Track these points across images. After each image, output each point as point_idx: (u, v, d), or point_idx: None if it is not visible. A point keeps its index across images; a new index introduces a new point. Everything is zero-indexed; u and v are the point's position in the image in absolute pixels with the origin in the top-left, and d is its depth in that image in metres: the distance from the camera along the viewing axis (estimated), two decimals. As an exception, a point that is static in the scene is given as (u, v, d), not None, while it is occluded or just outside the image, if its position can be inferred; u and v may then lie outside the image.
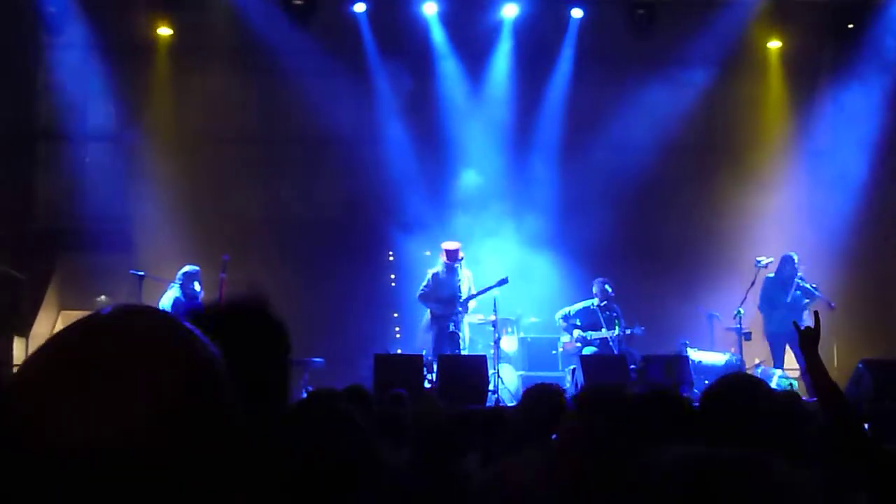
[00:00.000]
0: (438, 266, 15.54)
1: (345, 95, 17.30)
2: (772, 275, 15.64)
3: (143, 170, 16.47)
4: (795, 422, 4.50)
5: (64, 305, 16.81)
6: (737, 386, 4.14)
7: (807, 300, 15.40)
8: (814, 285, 15.46)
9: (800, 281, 15.43)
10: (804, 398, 13.82)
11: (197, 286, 14.67)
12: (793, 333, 14.74)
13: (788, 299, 15.42)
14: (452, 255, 15.45)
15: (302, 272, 16.53)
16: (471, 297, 15.49)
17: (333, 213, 17.58)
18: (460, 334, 15.29)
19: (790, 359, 15.48)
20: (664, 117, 17.41)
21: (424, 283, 15.50)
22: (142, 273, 14.95)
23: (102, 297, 16.65)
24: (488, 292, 15.41)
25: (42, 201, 17.11)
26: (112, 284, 16.16)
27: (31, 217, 16.93)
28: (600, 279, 15.91)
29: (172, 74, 16.96)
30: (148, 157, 16.45)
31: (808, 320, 15.42)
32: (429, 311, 15.51)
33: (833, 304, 15.26)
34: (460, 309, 15.40)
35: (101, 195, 16.53)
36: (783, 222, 16.83)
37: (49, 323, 16.45)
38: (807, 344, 4.76)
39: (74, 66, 16.58)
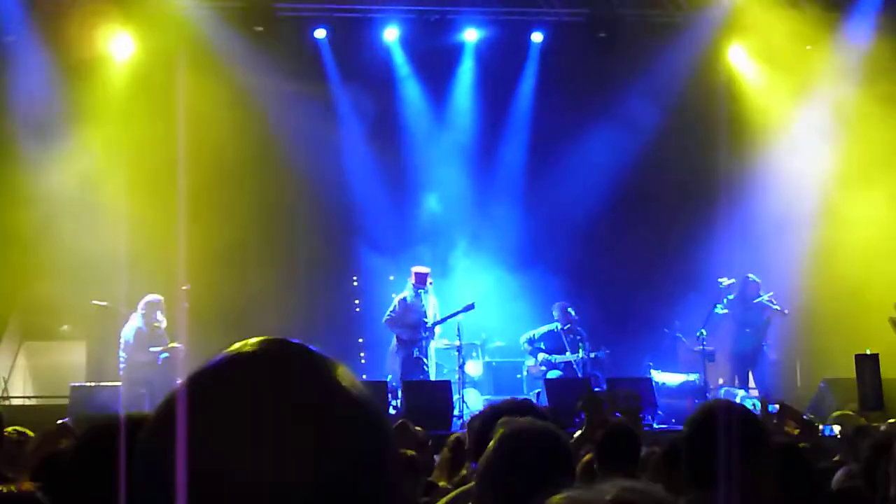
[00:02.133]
0: (407, 291, 15.56)
1: (309, 120, 17.26)
2: (732, 296, 15.79)
3: (105, 195, 16.31)
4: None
5: (27, 336, 16.65)
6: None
7: (766, 315, 15.61)
8: (769, 297, 15.66)
9: (761, 299, 15.61)
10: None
11: (159, 315, 14.63)
12: (755, 352, 14.82)
13: (750, 318, 15.60)
14: (422, 279, 15.48)
15: (265, 298, 16.46)
16: (438, 321, 15.51)
17: (297, 239, 17.52)
18: (425, 360, 15.31)
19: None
20: (627, 139, 17.44)
21: (391, 308, 15.50)
22: (104, 303, 14.90)
23: (66, 326, 16.53)
24: (454, 317, 15.46)
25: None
26: (75, 314, 16.06)
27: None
28: (560, 303, 15.98)
29: (135, 99, 16.85)
30: (109, 182, 16.30)
31: (767, 336, 15.63)
32: (395, 336, 15.51)
33: (786, 311, 15.57)
34: (426, 334, 15.42)
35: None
36: (747, 243, 16.89)
37: (11, 354, 16.29)
38: None
39: (35, 88, 16.45)
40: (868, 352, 14.09)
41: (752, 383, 15.84)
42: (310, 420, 1.21)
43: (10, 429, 7.28)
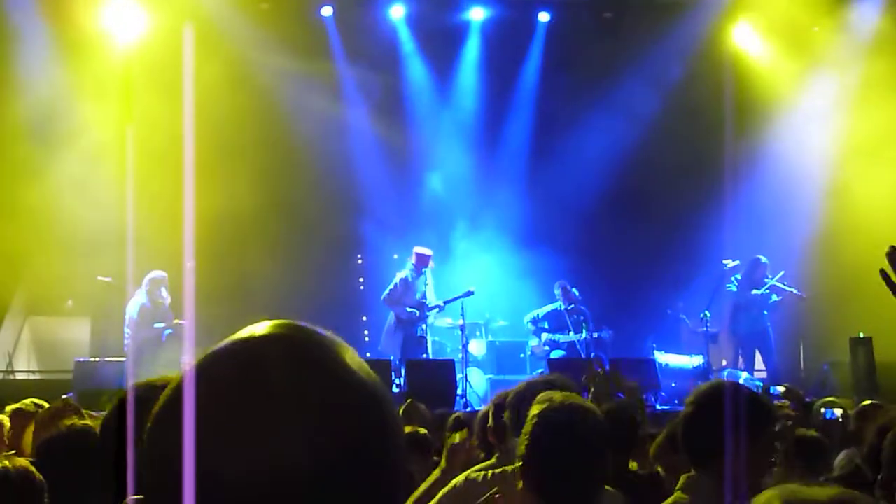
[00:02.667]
0: (408, 270, 15.57)
1: (314, 98, 17.26)
2: (738, 276, 15.76)
3: (110, 171, 16.27)
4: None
5: (31, 311, 16.68)
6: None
7: (776, 297, 15.57)
8: (780, 277, 15.63)
9: (769, 280, 15.59)
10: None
11: (164, 292, 14.66)
12: (763, 334, 14.66)
13: (758, 300, 15.58)
14: (424, 260, 15.51)
15: (269, 276, 16.48)
16: (437, 306, 15.54)
17: (302, 217, 17.52)
18: (427, 340, 15.36)
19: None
20: (631, 120, 17.39)
21: (392, 286, 15.52)
22: (109, 279, 14.92)
23: (70, 302, 16.55)
24: (454, 302, 15.50)
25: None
26: (80, 290, 16.08)
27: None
28: (561, 281, 15.98)
29: (140, 75, 16.79)
30: (114, 158, 16.26)
31: (770, 318, 15.61)
32: (393, 315, 15.53)
33: (803, 294, 15.52)
34: (428, 313, 15.46)
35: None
36: (749, 225, 16.87)
37: (16, 329, 16.33)
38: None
39: (40, 63, 16.43)
40: (861, 335, 14.07)
41: (758, 365, 15.84)
42: (318, 405, 1.22)
43: (27, 401, 7.37)
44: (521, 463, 3.60)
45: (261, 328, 1.29)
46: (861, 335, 14.00)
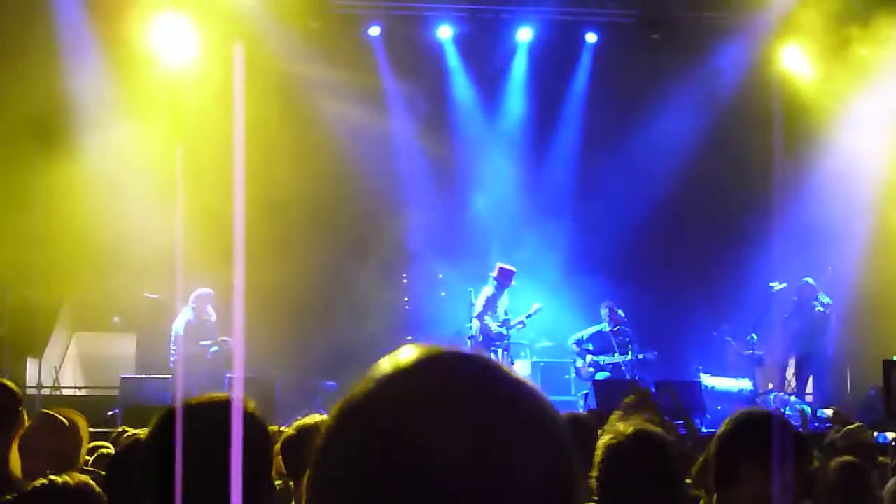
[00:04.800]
0: (491, 286, 15.59)
1: (362, 117, 17.32)
2: (795, 298, 15.66)
3: (158, 188, 16.31)
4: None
5: (78, 326, 16.80)
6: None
7: (823, 318, 15.49)
8: (827, 302, 15.55)
9: (817, 304, 15.48)
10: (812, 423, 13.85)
11: (210, 309, 14.73)
12: (812, 358, 14.53)
13: (809, 323, 15.48)
14: (508, 276, 15.57)
15: (315, 295, 16.51)
16: (521, 322, 15.59)
17: (349, 237, 17.55)
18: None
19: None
20: (680, 140, 17.33)
21: (484, 302, 15.53)
22: (156, 295, 15.00)
23: (117, 318, 16.66)
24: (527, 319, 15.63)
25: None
26: (127, 306, 16.18)
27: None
28: (608, 303, 15.94)
29: (189, 91, 16.85)
30: (162, 175, 16.29)
31: (827, 341, 15.48)
32: (480, 331, 15.48)
33: (828, 311, 15.50)
34: (509, 331, 15.54)
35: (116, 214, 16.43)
36: (797, 247, 16.73)
37: (62, 344, 16.44)
38: None
39: (89, 79, 16.54)
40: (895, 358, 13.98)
41: (809, 388, 15.73)
42: (537, 418, 1.23)
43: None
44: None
45: (413, 355, 1.26)
46: (894, 358, 13.93)
